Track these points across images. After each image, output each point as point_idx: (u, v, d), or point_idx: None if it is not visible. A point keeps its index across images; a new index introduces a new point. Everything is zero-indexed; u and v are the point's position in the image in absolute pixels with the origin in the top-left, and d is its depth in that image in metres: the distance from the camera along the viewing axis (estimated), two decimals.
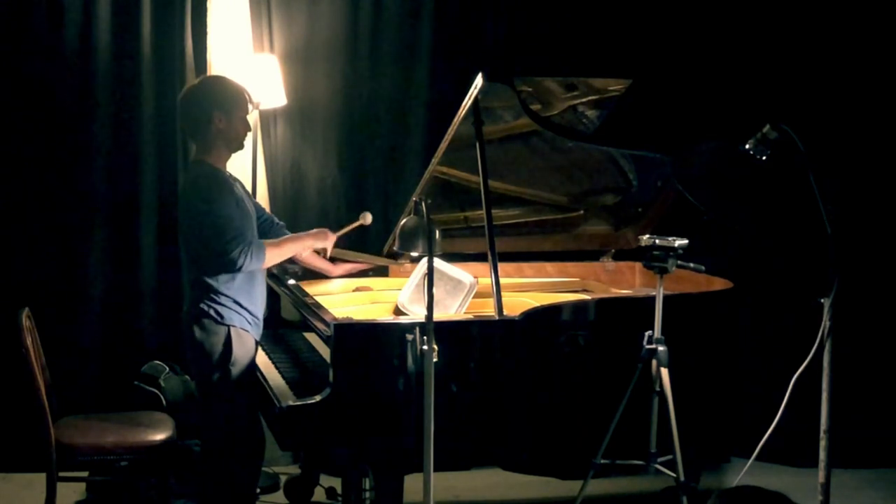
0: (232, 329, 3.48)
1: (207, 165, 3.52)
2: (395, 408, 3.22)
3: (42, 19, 4.60)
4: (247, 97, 3.57)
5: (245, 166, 4.51)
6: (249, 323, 3.54)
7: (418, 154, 4.89)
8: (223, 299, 3.48)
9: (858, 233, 4.53)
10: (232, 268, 3.44)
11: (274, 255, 3.58)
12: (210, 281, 3.49)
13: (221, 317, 3.48)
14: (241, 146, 3.64)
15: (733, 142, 3.29)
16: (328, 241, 3.82)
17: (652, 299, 3.60)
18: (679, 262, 3.61)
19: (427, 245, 2.99)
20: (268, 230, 3.87)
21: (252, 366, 3.57)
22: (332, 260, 4.09)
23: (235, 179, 3.66)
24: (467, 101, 3.61)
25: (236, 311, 3.50)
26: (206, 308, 3.48)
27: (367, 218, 3.99)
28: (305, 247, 3.76)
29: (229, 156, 3.60)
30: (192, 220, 3.49)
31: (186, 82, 4.69)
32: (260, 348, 3.98)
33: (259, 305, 3.61)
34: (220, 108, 3.48)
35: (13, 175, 4.66)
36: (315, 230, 3.84)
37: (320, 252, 3.91)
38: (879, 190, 4.95)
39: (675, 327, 3.62)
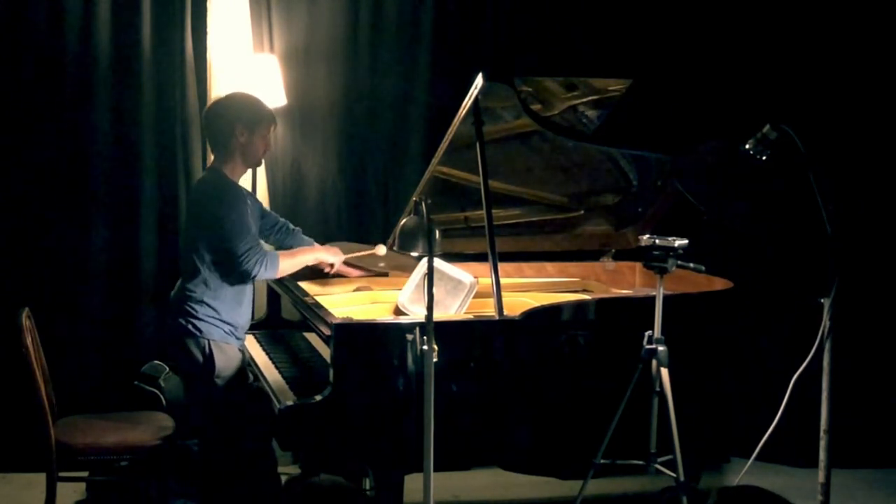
0: (212, 343, 3.50)
1: (223, 175, 3.57)
2: (395, 408, 3.21)
3: (42, 19, 4.60)
4: (272, 118, 3.63)
5: None
6: (229, 334, 3.56)
7: (418, 154, 4.89)
8: (203, 312, 3.50)
9: (858, 233, 4.53)
10: (247, 277, 3.51)
11: (288, 265, 3.64)
12: (194, 292, 3.51)
13: (200, 331, 3.50)
14: (258, 163, 3.74)
15: (733, 142, 3.29)
16: (338, 258, 3.90)
17: (652, 299, 3.60)
18: (679, 262, 3.61)
19: (427, 245, 2.99)
20: (284, 237, 3.94)
21: (240, 374, 3.58)
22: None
23: (249, 194, 3.72)
24: (467, 101, 3.61)
25: (215, 325, 3.52)
26: (184, 323, 3.51)
27: (381, 249, 3.96)
28: (317, 259, 3.84)
29: (244, 171, 3.67)
30: (206, 226, 3.51)
31: (187, 82, 4.72)
32: (260, 348, 3.99)
33: (244, 316, 3.64)
34: (243, 122, 3.54)
35: (13, 175, 4.66)
36: (328, 245, 3.95)
37: (324, 268, 3.93)
38: (879, 190, 4.95)
39: (675, 327, 3.62)
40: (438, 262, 3.62)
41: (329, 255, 3.88)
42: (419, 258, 3.64)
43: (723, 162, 3.36)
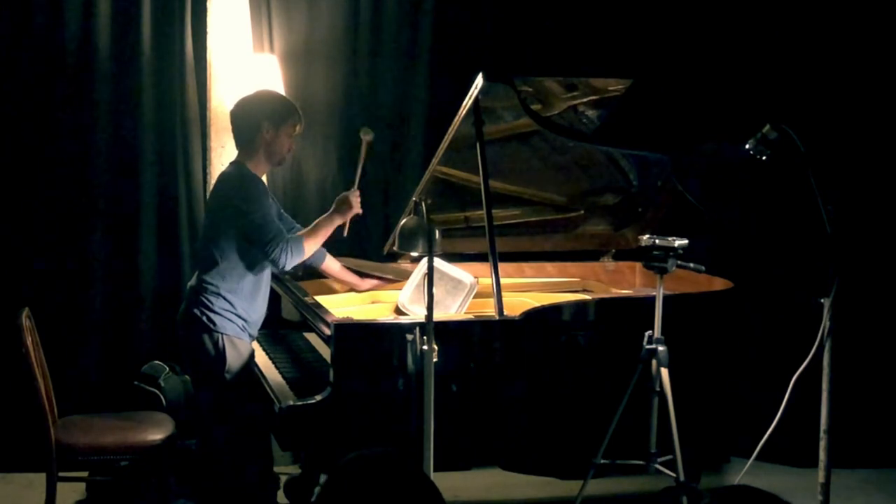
0: (225, 337, 3.50)
1: (247, 170, 3.56)
2: (395, 408, 3.22)
3: (42, 19, 4.60)
4: (298, 117, 3.62)
5: None
6: (242, 329, 3.55)
7: (418, 154, 4.89)
8: (219, 305, 3.50)
9: (858, 233, 4.53)
10: (275, 267, 3.52)
11: (311, 243, 3.60)
12: (211, 284, 3.50)
13: (214, 324, 3.49)
14: (282, 161, 3.70)
15: (733, 142, 3.30)
16: (353, 203, 3.74)
17: (652, 299, 3.60)
18: (679, 262, 3.61)
19: (427, 245, 2.99)
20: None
21: (248, 371, 3.58)
22: (361, 274, 4.11)
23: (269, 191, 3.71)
24: (467, 101, 3.61)
25: (229, 320, 3.51)
26: (198, 314, 3.50)
27: (368, 135, 3.84)
28: (335, 224, 3.70)
29: (267, 169, 3.67)
30: (229, 220, 3.51)
31: (186, 82, 4.72)
32: (260, 348, 3.99)
33: (258, 312, 3.64)
34: (269, 119, 3.53)
35: (13, 175, 4.65)
36: (336, 201, 3.75)
37: (350, 218, 3.77)
38: (879, 190, 4.95)
39: (675, 327, 3.62)
40: (438, 262, 3.62)
41: (345, 212, 3.71)
42: (419, 258, 3.64)
43: (723, 162, 3.37)
